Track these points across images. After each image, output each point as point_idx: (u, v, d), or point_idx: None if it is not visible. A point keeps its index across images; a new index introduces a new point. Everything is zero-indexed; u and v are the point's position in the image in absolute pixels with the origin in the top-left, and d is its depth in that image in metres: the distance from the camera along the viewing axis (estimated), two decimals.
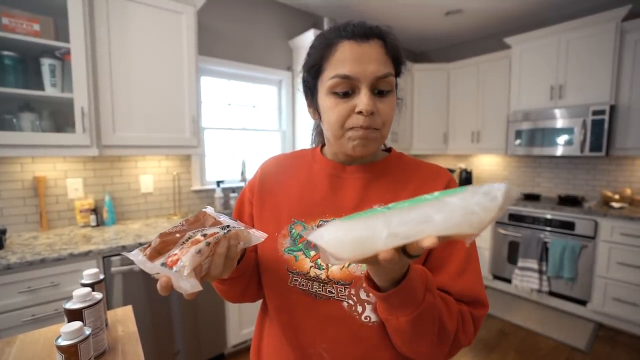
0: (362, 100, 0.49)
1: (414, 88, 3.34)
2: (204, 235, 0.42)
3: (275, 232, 0.58)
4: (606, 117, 2.30)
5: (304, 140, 2.66)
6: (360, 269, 0.52)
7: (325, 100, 0.53)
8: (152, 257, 0.41)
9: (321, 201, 0.57)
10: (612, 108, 2.33)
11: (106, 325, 0.80)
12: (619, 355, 1.96)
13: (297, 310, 0.55)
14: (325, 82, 0.52)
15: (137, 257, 0.41)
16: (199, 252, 0.40)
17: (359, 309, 0.52)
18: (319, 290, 0.53)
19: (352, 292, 0.52)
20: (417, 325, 0.44)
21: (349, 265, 0.52)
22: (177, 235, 0.44)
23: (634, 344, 2.07)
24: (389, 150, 0.65)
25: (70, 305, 0.66)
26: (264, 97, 2.66)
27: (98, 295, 0.70)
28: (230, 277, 0.55)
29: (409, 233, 0.30)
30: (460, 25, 3.07)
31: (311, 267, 0.54)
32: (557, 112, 2.53)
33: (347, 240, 0.32)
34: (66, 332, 0.57)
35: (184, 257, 0.39)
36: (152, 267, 0.40)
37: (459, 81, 3.25)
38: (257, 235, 0.47)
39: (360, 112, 0.50)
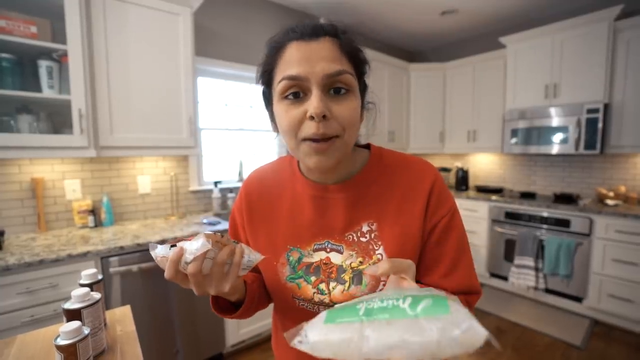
0: (312, 102, 0.45)
1: (410, 87, 3.35)
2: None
3: (274, 262, 0.58)
4: (600, 115, 2.32)
5: None
6: (360, 290, 0.52)
7: (277, 107, 0.50)
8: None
9: (311, 225, 0.56)
10: (606, 106, 2.35)
11: (105, 325, 0.81)
12: (614, 351, 1.99)
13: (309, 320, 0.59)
14: (277, 87, 0.48)
15: (156, 249, 0.46)
16: (208, 251, 0.43)
17: None
18: None
19: None
20: None
21: (349, 288, 0.53)
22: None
23: (628, 340, 2.09)
24: (368, 146, 0.60)
25: (69, 305, 0.67)
26: (260, 98, 2.66)
27: (96, 295, 0.71)
28: (239, 313, 0.58)
29: (383, 355, 0.30)
30: (455, 25, 3.09)
31: (314, 292, 0.55)
32: (552, 110, 2.56)
33: (325, 347, 0.33)
34: (65, 331, 0.58)
35: (198, 235, 0.44)
36: (167, 249, 0.45)
37: (455, 80, 3.27)
38: (257, 255, 0.48)
39: (311, 117, 0.45)
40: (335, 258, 0.54)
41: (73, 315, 0.65)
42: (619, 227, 2.16)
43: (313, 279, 0.55)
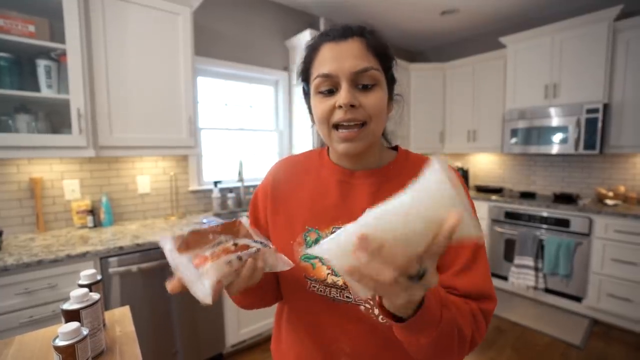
0: (341, 94, 0.51)
1: (411, 87, 3.35)
2: (235, 245, 0.42)
3: (291, 240, 0.59)
4: (600, 115, 2.33)
5: (301, 140, 2.66)
6: None
7: (313, 100, 0.56)
8: (180, 250, 0.40)
9: (333, 208, 0.58)
10: (606, 106, 2.35)
11: (104, 325, 0.80)
12: (613, 350, 1.99)
13: (318, 312, 0.57)
14: (312, 83, 0.55)
15: (167, 245, 0.41)
16: (229, 263, 0.39)
17: (376, 311, 0.53)
18: (337, 296, 0.55)
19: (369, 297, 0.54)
20: (439, 343, 0.42)
21: None
22: (210, 236, 0.43)
23: (627, 339, 2.10)
24: (395, 148, 0.65)
25: (68, 305, 0.66)
26: (260, 97, 2.66)
27: (95, 296, 0.71)
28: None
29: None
30: (456, 25, 3.09)
31: (328, 274, 0.55)
32: (552, 110, 2.56)
33: (335, 248, 0.33)
34: (63, 332, 0.57)
35: (214, 263, 0.38)
36: (178, 259, 0.39)
37: (455, 80, 3.27)
38: (284, 262, 0.47)
39: (340, 107, 0.51)
40: None
41: (72, 316, 0.65)
42: (619, 227, 2.16)
43: None
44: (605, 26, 2.29)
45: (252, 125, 2.61)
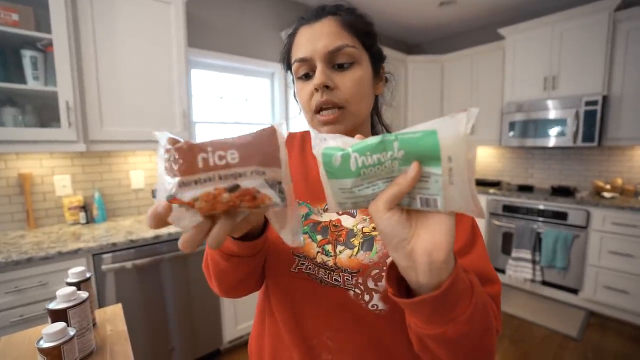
0: (315, 75, 0.49)
1: (408, 80, 3.31)
2: (234, 190, 0.28)
3: None
4: (598, 107, 2.31)
5: None
6: (369, 257, 0.49)
7: (295, 87, 0.55)
8: (179, 171, 0.28)
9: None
10: (605, 98, 2.34)
11: (94, 325, 0.78)
12: (609, 342, 2.00)
13: (300, 298, 0.51)
14: (293, 70, 0.53)
15: (163, 140, 0.29)
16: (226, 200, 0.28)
17: (366, 297, 0.49)
18: (325, 277, 0.50)
19: (360, 280, 0.49)
20: (475, 319, 0.33)
21: (357, 253, 0.49)
22: (204, 161, 0.28)
23: (623, 331, 2.11)
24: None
25: (54, 305, 0.64)
26: (256, 90, 2.61)
27: (84, 295, 0.68)
28: (241, 253, 0.43)
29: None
30: (453, 16, 3.05)
31: (318, 252, 0.51)
32: (551, 103, 2.54)
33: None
34: (48, 333, 0.55)
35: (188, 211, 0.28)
36: (169, 184, 0.28)
37: (453, 73, 3.24)
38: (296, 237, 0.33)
39: (317, 90, 0.49)
40: (347, 221, 0.52)
41: (58, 315, 0.63)
42: (616, 219, 2.16)
43: (319, 237, 0.52)
44: (606, 16, 2.27)
45: (248, 118, 2.57)
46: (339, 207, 0.33)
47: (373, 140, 0.29)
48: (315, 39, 0.49)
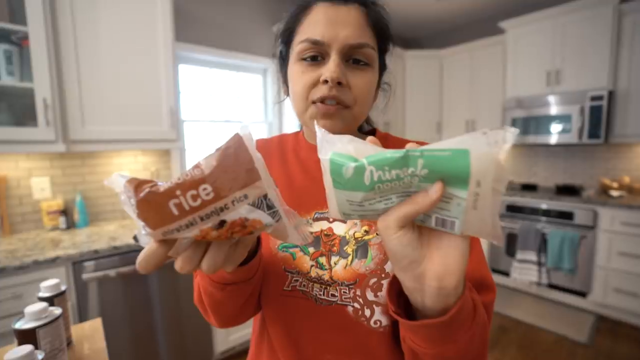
0: (329, 67, 0.43)
1: (406, 75, 3.23)
2: (221, 226, 0.25)
3: None
4: (604, 103, 2.23)
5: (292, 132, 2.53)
6: (365, 265, 0.45)
7: (292, 68, 0.48)
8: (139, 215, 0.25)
9: (315, 191, 0.51)
10: (611, 93, 2.26)
11: (69, 344, 0.71)
12: (622, 347, 1.91)
13: (297, 320, 0.47)
14: (295, 47, 0.46)
15: (119, 186, 0.26)
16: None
17: (367, 312, 0.45)
18: (320, 294, 0.46)
19: (358, 292, 0.45)
20: (474, 339, 0.33)
21: (351, 262, 0.46)
22: (175, 210, 0.24)
23: (636, 336, 2.02)
24: (373, 131, 0.60)
25: (21, 324, 0.56)
26: (248, 87, 2.52)
27: (56, 311, 0.61)
28: (237, 280, 0.40)
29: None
30: (452, 10, 2.96)
31: (312, 266, 0.47)
32: (554, 98, 2.46)
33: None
34: (10, 359, 0.47)
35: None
36: (149, 234, 0.25)
37: (452, 68, 3.15)
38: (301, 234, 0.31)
39: (325, 81, 0.43)
40: (339, 228, 0.48)
41: (25, 336, 0.55)
42: (625, 219, 2.08)
43: (311, 250, 0.48)
44: (611, 8, 2.19)
45: (239, 116, 2.47)
46: (343, 217, 0.30)
47: (394, 154, 0.25)
48: (338, 24, 0.44)
